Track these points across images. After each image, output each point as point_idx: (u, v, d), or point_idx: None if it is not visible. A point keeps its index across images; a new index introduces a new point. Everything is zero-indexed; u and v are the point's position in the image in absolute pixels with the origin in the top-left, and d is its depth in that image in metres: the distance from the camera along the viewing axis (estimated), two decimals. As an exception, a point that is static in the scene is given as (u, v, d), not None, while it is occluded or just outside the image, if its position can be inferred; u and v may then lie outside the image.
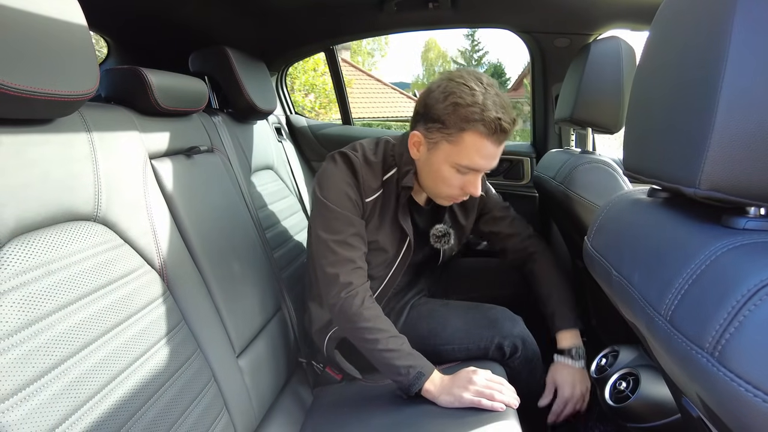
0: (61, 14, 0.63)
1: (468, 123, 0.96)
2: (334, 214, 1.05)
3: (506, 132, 0.98)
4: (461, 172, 1.02)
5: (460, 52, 29.31)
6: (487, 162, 1.01)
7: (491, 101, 0.95)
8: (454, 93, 0.96)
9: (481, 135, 0.96)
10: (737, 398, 0.35)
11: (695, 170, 0.42)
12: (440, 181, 1.06)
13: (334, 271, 1.03)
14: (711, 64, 0.41)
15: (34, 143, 0.63)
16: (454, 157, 1.00)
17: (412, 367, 0.99)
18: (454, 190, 1.06)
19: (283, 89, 2.13)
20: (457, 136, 0.98)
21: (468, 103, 0.95)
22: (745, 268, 0.38)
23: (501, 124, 0.95)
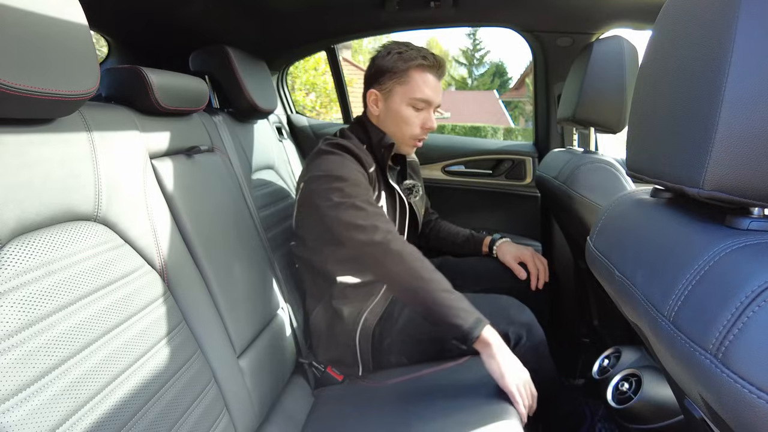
0: (62, 14, 0.63)
1: (411, 61, 1.17)
2: (353, 182, 1.11)
3: (441, 66, 1.20)
4: (417, 108, 1.21)
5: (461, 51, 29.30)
6: (434, 94, 1.21)
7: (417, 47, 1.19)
8: (394, 48, 1.20)
9: (424, 68, 1.18)
10: (740, 400, 0.34)
11: (699, 170, 0.42)
12: (402, 122, 1.22)
13: (371, 223, 1.06)
14: (714, 63, 0.41)
15: (35, 143, 0.63)
16: (408, 93, 1.19)
17: (470, 312, 0.99)
18: (415, 129, 1.23)
19: (283, 88, 2.13)
20: (405, 76, 1.19)
21: (406, 50, 1.19)
22: (749, 269, 0.37)
23: (436, 58, 1.19)
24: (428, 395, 1.04)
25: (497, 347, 0.96)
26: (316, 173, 1.13)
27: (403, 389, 1.09)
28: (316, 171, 1.13)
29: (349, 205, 1.07)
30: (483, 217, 1.88)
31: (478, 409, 0.95)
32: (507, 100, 22.51)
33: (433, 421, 0.94)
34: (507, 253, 1.38)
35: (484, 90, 26.54)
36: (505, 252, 1.39)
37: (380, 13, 1.56)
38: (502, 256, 1.39)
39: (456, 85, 28.91)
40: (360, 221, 1.05)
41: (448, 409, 0.96)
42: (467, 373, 1.11)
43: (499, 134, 15.59)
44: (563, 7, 1.44)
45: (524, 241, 1.82)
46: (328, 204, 1.08)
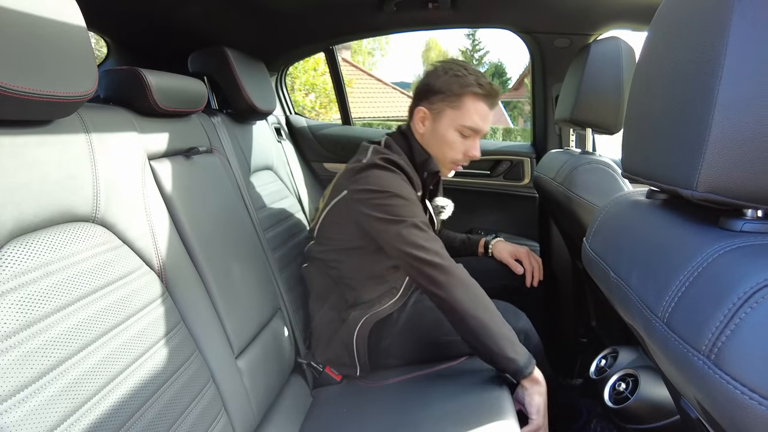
0: (60, 15, 0.63)
1: (466, 87, 1.15)
2: (412, 202, 1.12)
3: (497, 95, 1.18)
4: (464, 135, 1.18)
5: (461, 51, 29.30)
6: (484, 123, 1.18)
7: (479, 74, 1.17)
8: (452, 69, 1.17)
9: (478, 97, 1.15)
10: (733, 401, 0.35)
11: (693, 172, 0.42)
12: (446, 146, 1.20)
13: (433, 246, 1.06)
14: (708, 65, 0.41)
15: (33, 144, 0.63)
16: (458, 119, 1.17)
17: (522, 347, 1.01)
18: (457, 155, 1.21)
19: (282, 89, 2.13)
20: (458, 101, 1.16)
21: (464, 74, 1.16)
22: (742, 271, 0.38)
23: (492, 87, 1.16)
24: (426, 395, 1.04)
25: (544, 390, 1.00)
26: (369, 186, 1.10)
27: (400, 389, 1.10)
28: (369, 185, 1.10)
29: (411, 224, 1.06)
30: (481, 218, 1.89)
31: (475, 408, 0.95)
32: (506, 101, 22.52)
33: (431, 421, 0.94)
34: (503, 250, 1.40)
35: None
36: (500, 250, 1.41)
37: (379, 14, 1.56)
38: (498, 254, 1.40)
39: (455, 86, 28.84)
40: (422, 242, 1.05)
41: (445, 409, 0.97)
42: (464, 373, 1.11)
43: (498, 134, 15.60)
44: (561, 9, 1.45)
45: (522, 241, 1.83)
46: (385, 218, 1.07)
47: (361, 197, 1.11)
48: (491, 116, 1.19)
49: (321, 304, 1.23)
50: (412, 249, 1.04)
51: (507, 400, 0.98)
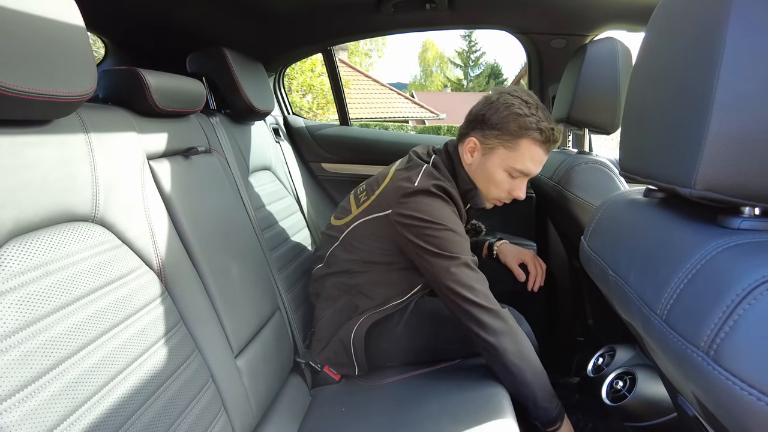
0: (59, 15, 0.63)
1: (526, 131, 1.07)
2: (465, 239, 1.10)
3: (557, 141, 1.10)
4: (512, 176, 1.13)
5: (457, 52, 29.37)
6: (537, 168, 1.12)
7: (544, 115, 1.08)
8: (514, 105, 1.08)
9: (536, 142, 1.08)
10: (732, 396, 0.35)
11: (690, 171, 0.42)
12: (492, 184, 1.15)
13: (483, 289, 1.05)
14: (706, 65, 0.41)
15: (32, 144, 0.63)
16: (510, 161, 1.11)
17: (554, 397, 1.03)
18: (502, 193, 1.16)
19: (280, 90, 2.13)
20: (514, 143, 1.09)
21: (526, 114, 1.07)
22: (739, 268, 0.38)
23: (554, 134, 1.08)
24: (424, 394, 1.05)
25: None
26: (421, 215, 1.07)
27: (399, 389, 1.10)
28: (421, 213, 1.07)
29: (463, 263, 1.05)
30: (478, 218, 1.89)
31: (474, 407, 0.96)
32: (502, 101, 22.49)
33: (429, 420, 0.95)
34: (508, 254, 1.37)
35: (479, 91, 26.60)
36: (506, 253, 1.38)
37: (376, 15, 1.56)
38: (504, 258, 1.38)
39: (452, 87, 28.97)
40: (473, 282, 1.04)
41: (443, 408, 0.97)
42: (462, 372, 1.12)
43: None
44: (557, 10, 1.45)
45: (520, 240, 1.83)
46: (435, 252, 1.05)
47: (410, 223, 1.07)
48: (545, 159, 1.13)
49: (329, 306, 1.23)
50: (461, 289, 1.03)
51: (505, 398, 0.99)
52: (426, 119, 17.23)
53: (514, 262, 1.35)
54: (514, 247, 1.39)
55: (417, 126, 17.08)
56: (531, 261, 1.33)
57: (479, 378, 1.07)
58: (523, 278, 1.32)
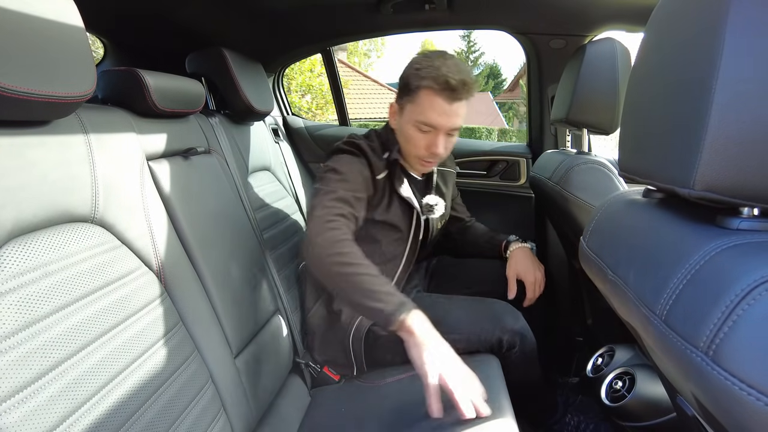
0: (58, 16, 0.63)
1: (422, 80, 1.09)
2: (344, 178, 1.09)
3: (454, 90, 1.08)
4: (422, 130, 1.14)
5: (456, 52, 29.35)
6: (441, 119, 1.11)
7: (444, 65, 1.08)
8: (417, 61, 1.13)
9: (433, 91, 1.09)
10: (731, 396, 0.35)
11: (689, 171, 0.42)
12: (408, 141, 1.18)
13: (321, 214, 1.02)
14: (704, 65, 0.41)
15: (32, 145, 0.63)
16: (415, 115, 1.13)
17: (394, 295, 0.92)
18: (420, 150, 1.17)
19: (280, 90, 2.13)
20: (415, 96, 1.12)
21: (424, 66, 1.10)
22: (738, 268, 0.38)
23: (448, 81, 1.06)
24: (423, 394, 1.05)
25: (423, 335, 0.89)
26: (324, 167, 1.13)
27: (399, 389, 1.10)
28: (326, 165, 1.13)
29: (324, 193, 1.05)
30: (478, 218, 1.89)
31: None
32: (501, 102, 22.58)
33: (429, 420, 0.95)
34: (512, 266, 1.31)
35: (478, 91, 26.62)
36: (512, 264, 1.32)
37: (376, 15, 1.56)
38: (507, 264, 1.33)
39: (451, 87, 28.90)
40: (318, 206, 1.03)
41: (443, 408, 0.97)
42: (463, 372, 1.11)
43: (494, 135, 15.63)
44: (556, 10, 1.46)
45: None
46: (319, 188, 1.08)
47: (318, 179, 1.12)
48: (458, 110, 1.11)
49: (313, 301, 1.25)
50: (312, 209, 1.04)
51: (505, 398, 0.98)
52: (425, 119, 17.19)
53: (513, 275, 1.30)
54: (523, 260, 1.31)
55: (416, 126, 17.03)
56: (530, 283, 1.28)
57: (478, 377, 1.07)
58: (513, 295, 1.27)
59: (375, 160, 1.17)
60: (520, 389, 1.16)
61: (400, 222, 1.22)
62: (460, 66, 1.10)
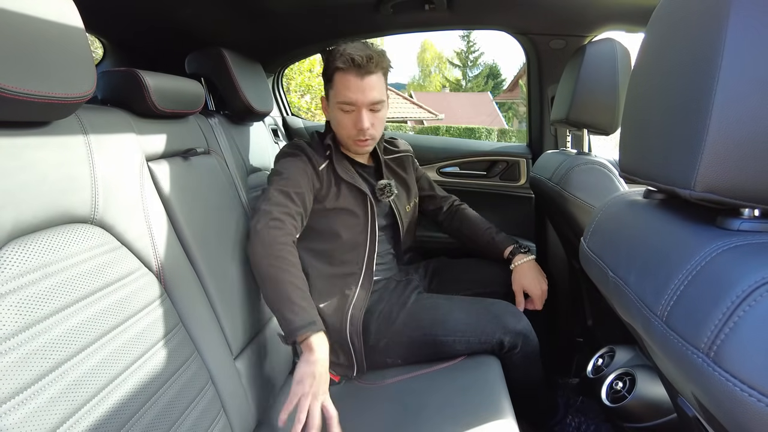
0: (58, 16, 0.63)
1: (332, 63, 1.17)
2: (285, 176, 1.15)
3: (360, 65, 1.14)
4: (345, 110, 1.19)
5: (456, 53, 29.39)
6: (356, 95, 1.16)
7: (349, 47, 1.16)
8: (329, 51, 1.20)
9: (343, 71, 1.16)
10: (732, 398, 0.35)
11: (690, 172, 0.42)
12: (338, 125, 1.23)
13: (267, 208, 1.07)
14: (705, 66, 0.41)
15: (31, 146, 0.63)
16: (335, 98, 1.20)
17: (308, 312, 0.97)
18: (349, 130, 1.21)
19: (279, 91, 2.13)
20: (332, 81, 1.19)
21: (333, 53, 1.17)
22: (739, 269, 0.38)
23: (353, 57, 1.13)
24: (424, 395, 1.05)
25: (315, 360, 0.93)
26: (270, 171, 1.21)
27: (399, 390, 1.10)
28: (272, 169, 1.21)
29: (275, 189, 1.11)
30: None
31: (473, 408, 0.95)
32: (501, 102, 22.60)
33: (429, 421, 0.95)
34: (517, 280, 1.30)
35: (478, 91, 26.64)
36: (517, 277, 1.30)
37: (375, 15, 1.56)
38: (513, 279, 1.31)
39: (450, 87, 29.00)
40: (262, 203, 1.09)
41: (443, 409, 0.97)
42: (463, 372, 1.12)
43: (493, 135, 15.64)
44: (556, 10, 1.46)
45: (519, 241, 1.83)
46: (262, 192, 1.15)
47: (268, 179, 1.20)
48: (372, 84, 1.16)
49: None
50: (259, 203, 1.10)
51: (505, 399, 0.98)
52: (424, 119, 17.26)
53: (520, 289, 1.28)
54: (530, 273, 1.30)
55: (415, 126, 17.10)
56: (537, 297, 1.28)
57: (479, 379, 1.07)
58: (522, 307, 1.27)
59: (314, 155, 1.23)
60: (521, 390, 1.16)
61: (353, 206, 1.25)
62: (366, 45, 1.18)
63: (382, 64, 1.18)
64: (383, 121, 1.25)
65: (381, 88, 1.19)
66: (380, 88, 1.19)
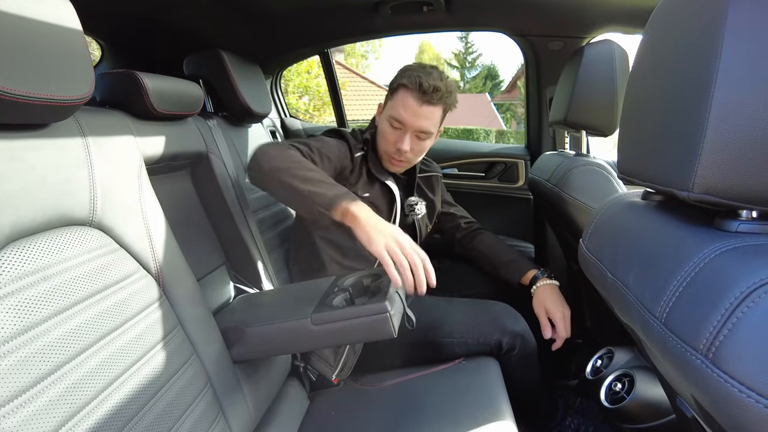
0: (56, 18, 0.62)
1: (400, 79, 1.18)
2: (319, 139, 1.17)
3: (425, 92, 1.14)
4: (393, 126, 1.19)
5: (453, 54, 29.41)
6: (409, 117, 1.16)
7: (424, 72, 1.16)
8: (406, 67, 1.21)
9: (407, 90, 1.16)
10: (731, 399, 0.35)
11: (689, 174, 0.43)
12: (381, 136, 1.24)
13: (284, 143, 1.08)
14: (703, 68, 0.42)
15: (30, 148, 0.63)
16: (389, 110, 1.20)
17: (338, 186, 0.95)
18: (389, 146, 1.22)
19: (277, 92, 2.13)
20: (394, 94, 1.20)
21: (407, 70, 1.18)
22: (738, 271, 0.38)
23: (421, 82, 1.14)
24: (423, 397, 1.05)
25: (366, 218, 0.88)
26: None
27: (397, 391, 1.10)
28: None
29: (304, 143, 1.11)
30: (476, 220, 1.90)
31: (472, 410, 0.95)
32: (499, 103, 22.62)
33: (428, 423, 0.95)
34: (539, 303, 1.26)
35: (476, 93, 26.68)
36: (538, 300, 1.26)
37: (374, 17, 1.57)
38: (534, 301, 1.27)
39: (448, 88, 28.94)
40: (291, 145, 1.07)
41: (442, 411, 0.97)
42: (461, 375, 1.12)
43: (492, 137, 15.65)
44: (554, 12, 1.46)
45: (517, 242, 1.84)
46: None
47: None
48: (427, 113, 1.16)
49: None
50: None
51: (504, 401, 0.99)
52: (423, 121, 17.20)
53: (542, 312, 1.24)
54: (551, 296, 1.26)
55: (414, 128, 17.04)
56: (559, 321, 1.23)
57: (478, 380, 1.07)
58: (548, 335, 1.23)
59: (353, 141, 1.24)
60: (520, 392, 1.16)
61: (380, 202, 1.25)
62: (440, 76, 1.17)
63: (447, 101, 1.18)
64: (424, 150, 1.25)
65: (435, 121, 1.19)
66: (435, 120, 1.19)
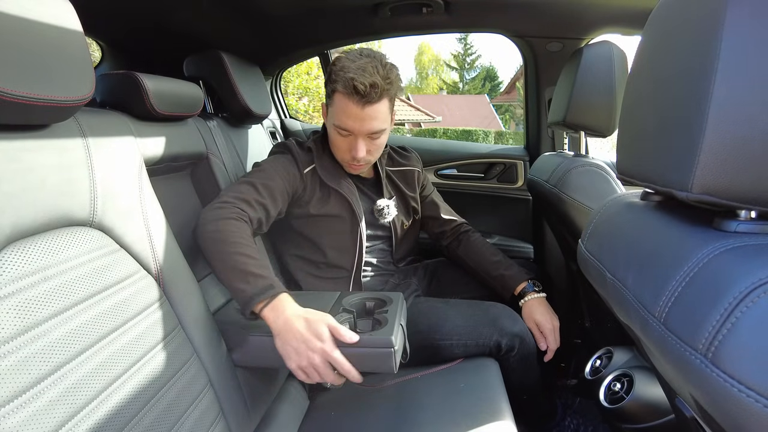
0: (57, 19, 0.63)
1: (334, 84, 1.05)
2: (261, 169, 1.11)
3: (363, 94, 1.02)
4: (341, 134, 1.10)
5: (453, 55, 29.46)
6: (354, 123, 1.06)
7: (357, 66, 1.02)
8: (339, 60, 1.07)
9: (344, 96, 1.04)
10: (730, 398, 0.35)
11: (687, 174, 0.43)
12: (333, 145, 1.16)
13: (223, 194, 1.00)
14: (702, 69, 0.42)
15: (30, 149, 0.63)
16: (333, 118, 1.10)
17: (264, 278, 0.86)
18: (344, 154, 1.14)
19: (277, 93, 2.13)
20: (331, 99, 1.08)
21: (338, 68, 1.05)
22: (737, 271, 0.38)
23: (355, 85, 1.01)
24: (422, 397, 1.05)
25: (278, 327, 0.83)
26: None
27: (397, 392, 1.10)
28: None
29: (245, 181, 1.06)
30: (475, 221, 1.90)
31: (472, 410, 0.96)
32: (498, 104, 22.64)
33: (428, 423, 0.95)
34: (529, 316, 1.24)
35: (475, 94, 26.70)
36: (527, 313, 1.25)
37: (373, 19, 1.57)
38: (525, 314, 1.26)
39: (447, 90, 29.05)
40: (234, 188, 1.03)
41: (441, 411, 0.97)
42: (461, 374, 1.12)
43: (491, 138, 15.68)
44: (553, 13, 1.46)
45: (516, 243, 1.84)
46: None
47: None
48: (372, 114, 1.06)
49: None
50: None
51: (504, 401, 0.99)
52: (422, 122, 17.27)
53: (533, 325, 1.24)
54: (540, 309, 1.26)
55: (413, 129, 17.12)
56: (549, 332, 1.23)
57: (477, 381, 1.07)
58: (544, 345, 1.23)
59: (300, 155, 1.17)
60: (519, 392, 1.16)
61: (340, 211, 1.19)
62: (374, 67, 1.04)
63: (389, 91, 1.07)
64: (382, 146, 1.18)
65: (384, 116, 1.09)
66: (383, 116, 1.09)
